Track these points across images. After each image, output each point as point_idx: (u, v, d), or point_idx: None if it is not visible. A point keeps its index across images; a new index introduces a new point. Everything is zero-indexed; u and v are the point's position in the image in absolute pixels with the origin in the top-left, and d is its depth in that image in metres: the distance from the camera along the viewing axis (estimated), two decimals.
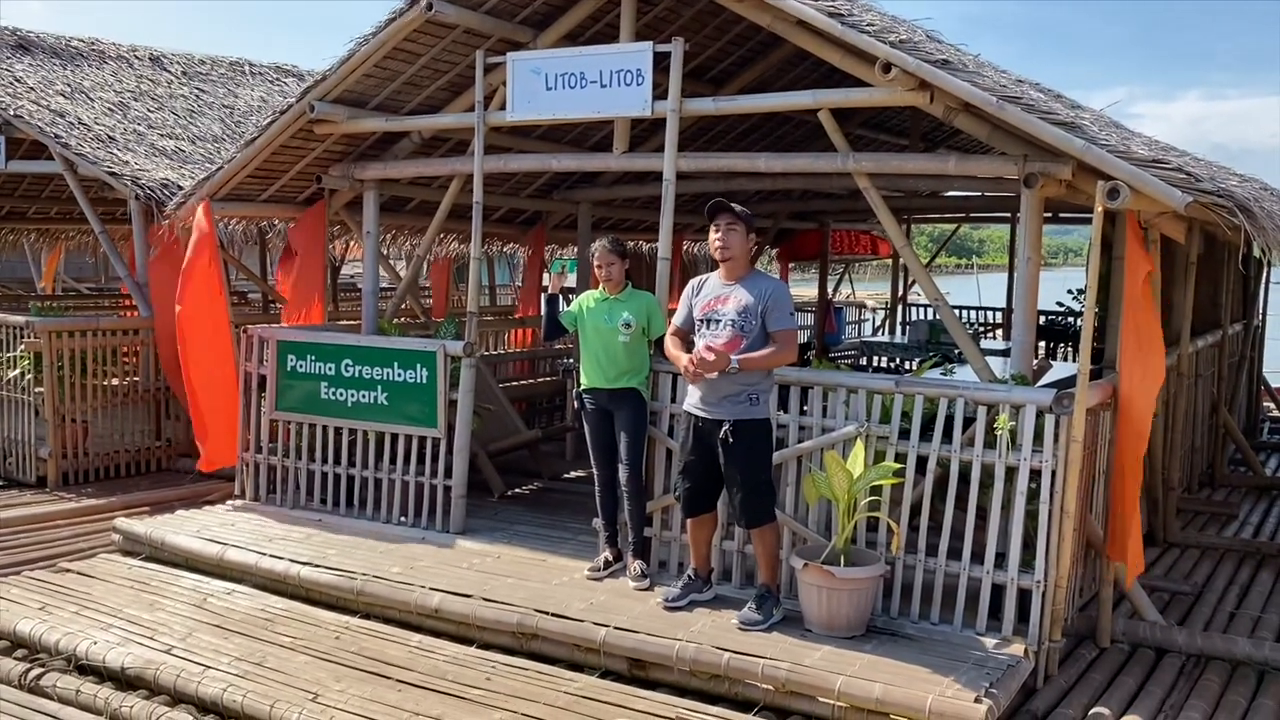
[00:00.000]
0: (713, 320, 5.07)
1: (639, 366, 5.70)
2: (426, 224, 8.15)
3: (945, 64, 5.10)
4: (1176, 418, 7.22)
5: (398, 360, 6.71)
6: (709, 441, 5.07)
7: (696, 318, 5.14)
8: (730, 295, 5.06)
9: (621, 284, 5.75)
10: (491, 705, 4.52)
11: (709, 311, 5.09)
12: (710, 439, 5.06)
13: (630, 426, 5.67)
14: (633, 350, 5.67)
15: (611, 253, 5.71)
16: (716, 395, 5.01)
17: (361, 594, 5.60)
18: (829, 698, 4.41)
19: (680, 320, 5.27)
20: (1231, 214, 4.59)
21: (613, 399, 5.72)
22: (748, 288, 5.05)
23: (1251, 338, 10.69)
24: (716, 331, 5.04)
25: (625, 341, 5.64)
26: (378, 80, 6.95)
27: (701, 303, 5.14)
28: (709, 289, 5.16)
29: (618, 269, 5.72)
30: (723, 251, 5.07)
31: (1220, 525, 7.82)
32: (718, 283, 5.14)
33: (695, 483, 5.22)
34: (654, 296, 5.81)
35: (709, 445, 5.08)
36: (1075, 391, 4.75)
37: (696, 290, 5.20)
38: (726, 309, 5.03)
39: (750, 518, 5.08)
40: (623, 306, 5.69)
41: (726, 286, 5.10)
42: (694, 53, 7.22)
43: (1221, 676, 5.10)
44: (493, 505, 7.42)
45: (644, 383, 5.72)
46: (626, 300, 5.72)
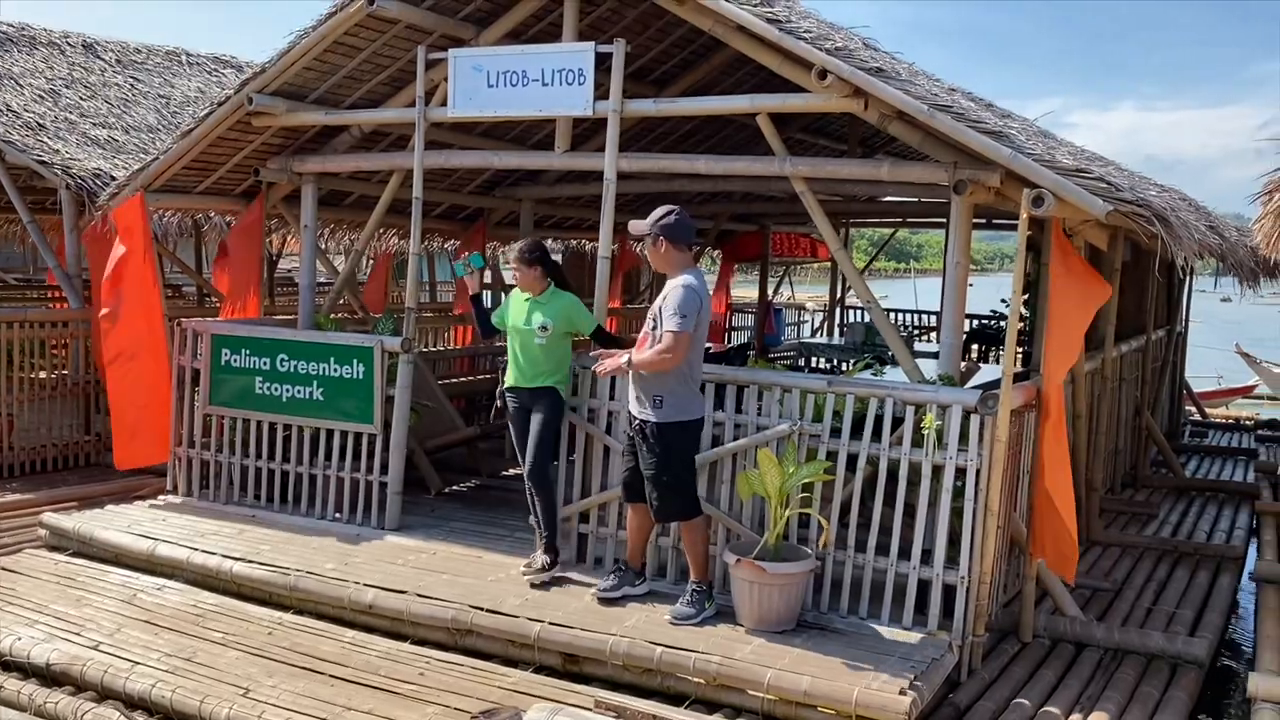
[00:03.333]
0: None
1: (555, 367, 5.76)
2: (366, 219, 8.09)
3: (879, 72, 5.22)
4: (1100, 420, 7.45)
5: (334, 355, 6.67)
6: (635, 438, 5.31)
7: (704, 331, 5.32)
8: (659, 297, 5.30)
9: (539, 288, 5.80)
10: (424, 700, 4.53)
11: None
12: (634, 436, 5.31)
13: (539, 424, 5.73)
14: (549, 351, 5.74)
15: (520, 261, 5.77)
16: (634, 396, 5.26)
17: (294, 590, 5.57)
18: (759, 691, 4.50)
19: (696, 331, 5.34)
20: (1150, 223, 4.76)
21: (532, 397, 5.78)
22: (664, 290, 5.24)
23: (1174, 343, 11.04)
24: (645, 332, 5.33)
25: (541, 343, 5.72)
26: (318, 73, 6.90)
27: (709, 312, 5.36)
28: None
29: (526, 276, 5.77)
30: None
31: (1141, 524, 8.07)
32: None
33: (630, 473, 5.42)
34: (574, 298, 5.83)
35: (634, 441, 5.32)
36: (999, 392, 4.89)
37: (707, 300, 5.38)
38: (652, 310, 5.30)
39: (658, 513, 5.30)
40: (541, 309, 5.76)
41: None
42: (637, 54, 7.28)
43: (1137, 670, 5.28)
44: (429, 502, 7.41)
45: (561, 382, 5.78)
46: (545, 303, 5.78)
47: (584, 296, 6.05)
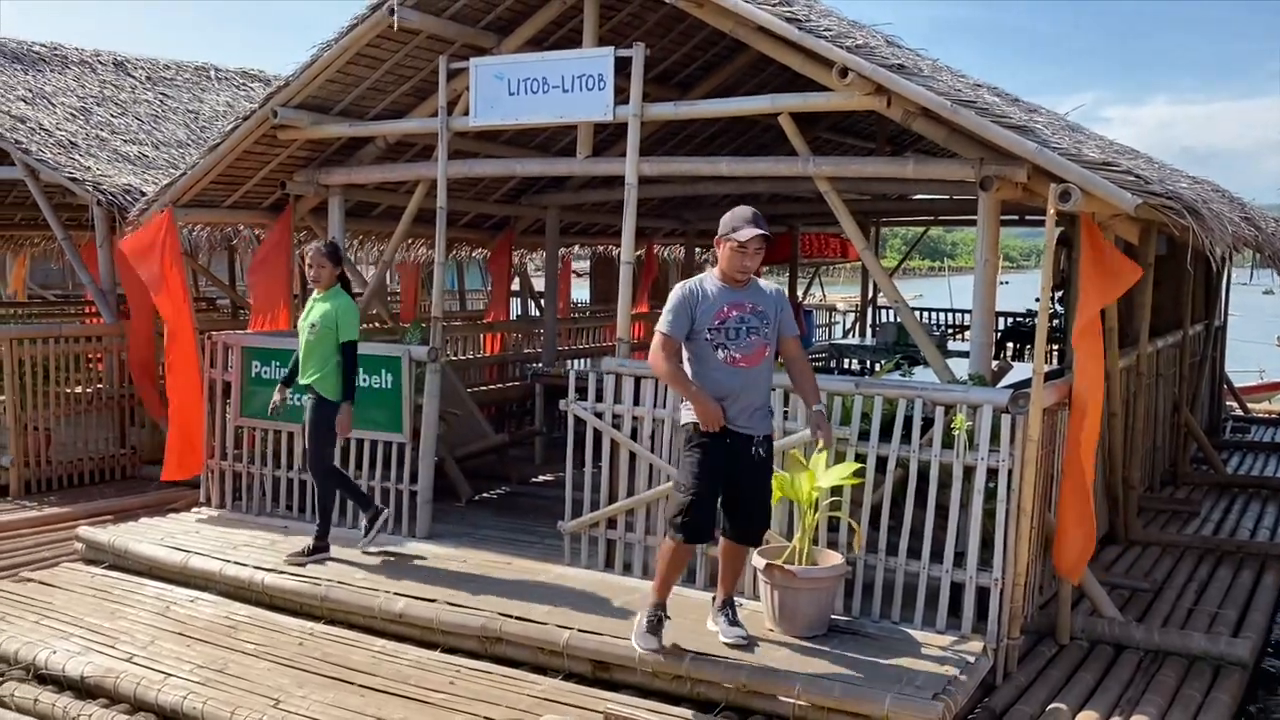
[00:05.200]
0: (731, 329, 4.64)
1: (319, 365, 5.95)
2: (392, 229, 8.14)
3: (901, 68, 5.16)
4: (1137, 417, 7.32)
5: (363, 366, 6.67)
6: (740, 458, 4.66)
7: (705, 327, 4.64)
8: (745, 301, 4.68)
9: (328, 285, 6.02)
10: (455, 709, 4.52)
11: (725, 320, 4.63)
12: (740, 455, 4.66)
13: (309, 420, 6.01)
14: (313, 349, 5.96)
15: (323, 255, 6.01)
16: (750, 409, 4.67)
17: (325, 600, 5.59)
18: (789, 697, 4.45)
19: (676, 330, 4.65)
20: (1180, 215, 4.67)
21: (308, 392, 6.04)
22: (758, 294, 4.75)
23: (1213, 337, 10.84)
24: (740, 341, 4.63)
25: (310, 340, 5.96)
26: (341, 86, 6.94)
27: (711, 311, 4.64)
28: (715, 296, 4.67)
29: (321, 272, 5.99)
30: (749, 270, 4.70)
31: (1181, 523, 7.91)
32: (722, 289, 4.69)
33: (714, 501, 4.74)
34: (349, 303, 6.01)
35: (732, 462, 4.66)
36: (1030, 391, 4.81)
37: (698, 298, 4.67)
38: (748, 316, 4.65)
39: (760, 534, 4.94)
40: (318, 307, 5.98)
41: (735, 292, 4.68)
42: (658, 58, 7.27)
43: (1178, 672, 5.17)
44: (459, 510, 7.42)
45: (322, 381, 5.96)
46: (323, 301, 5.99)
47: (612, 302, 6.05)
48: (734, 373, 4.64)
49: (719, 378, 4.64)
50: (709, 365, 4.65)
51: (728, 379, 4.64)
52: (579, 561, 5.99)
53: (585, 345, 12.39)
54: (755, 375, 4.69)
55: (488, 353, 10.80)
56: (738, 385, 4.64)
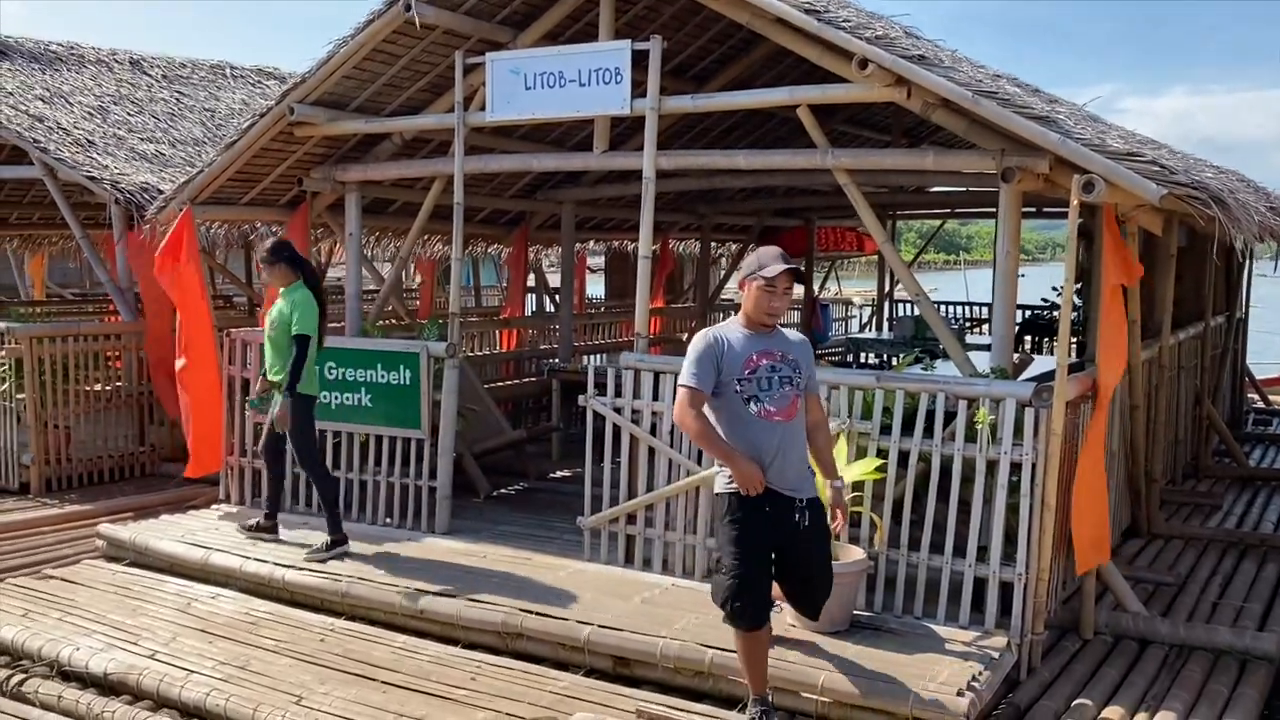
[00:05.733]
0: (763, 379, 4.21)
1: (274, 360, 6.13)
2: (409, 226, 8.13)
3: (921, 59, 5.11)
4: (1159, 410, 7.26)
5: (381, 362, 6.70)
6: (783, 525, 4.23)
7: (733, 378, 4.20)
8: (774, 349, 4.28)
9: (285, 282, 6.15)
10: (476, 705, 4.52)
11: (755, 369, 4.21)
12: (783, 522, 4.23)
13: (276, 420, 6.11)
14: (273, 345, 6.13)
15: (264, 255, 6.22)
16: (790, 469, 4.24)
17: (346, 596, 5.60)
18: (813, 693, 4.42)
19: (702, 381, 4.20)
20: (1206, 205, 4.61)
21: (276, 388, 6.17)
22: (786, 341, 4.36)
23: (1234, 329, 10.74)
24: (774, 392, 4.21)
25: (271, 336, 6.11)
26: (357, 82, 6.94)
27: (739, 360, 4.21)
28: (742, 344, 4.25)
29: (269, 272, 6.21)
30: (778, 313, 4.31)
31: (1204, 516, 7.85)
32: (747, 335, 4.28)
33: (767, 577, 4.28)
34: (305, 298, 6.06)
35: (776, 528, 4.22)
36: (1054, 385, 4.77)
37: (723, 346, 4.24)
38: (779, 365, 4.25)
39: (823, 603, 4.48)
40: (276, 304, 6.17)
41: (763, 339, 4.29)
42: (674, 51, 7.23)
43: (1204, 667, 5.12)
44: (478, 506, 7.43)
45: (279, 376, 6.07)
46: (282, 296, 6.13)
47: (629, 297, 6.03)
48: (769, 428, 4.19)
49: (753, 435, 4.17)
50: (741, 421, 4.20)
51: (764, 436, 4.18)
52: (599, 557, 5.97)
53: (601, 341, 12.37)
54: (793, 431, 4.26)
55: (504, 349, 10.79)
56: (774, 442, 4.19)
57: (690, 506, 5.70)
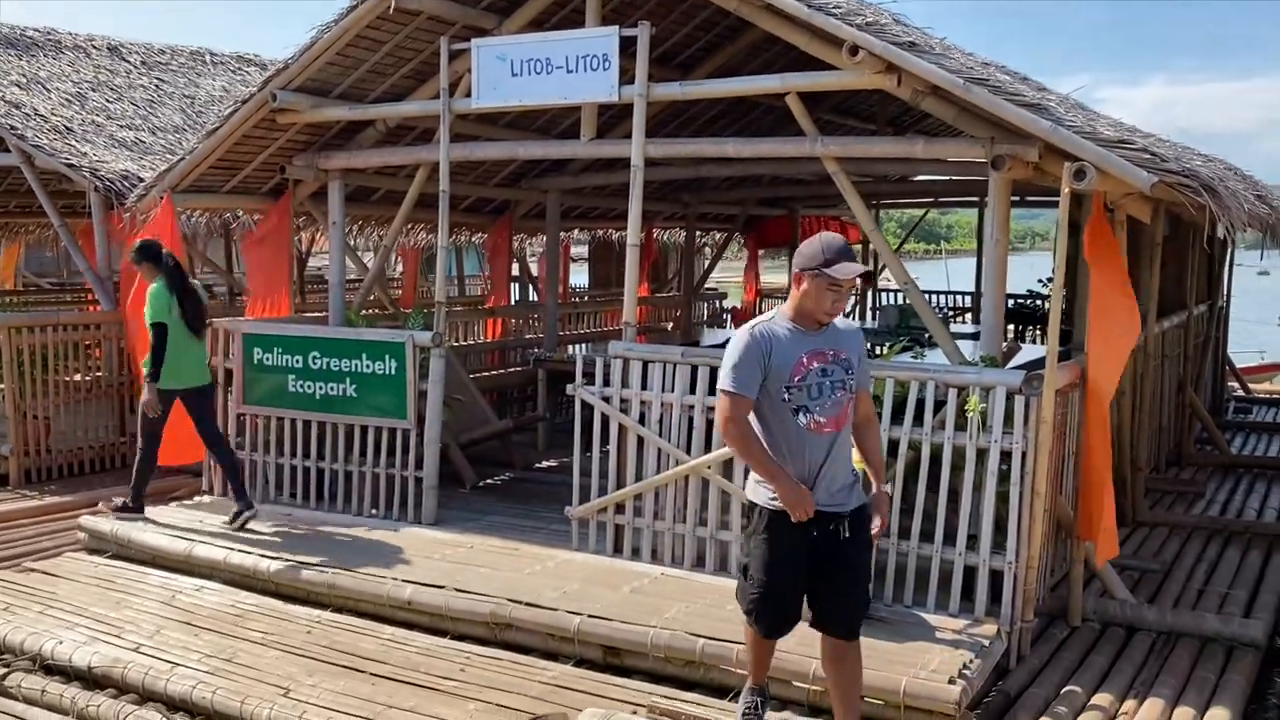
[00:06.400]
0: (813, 385, 3.76)
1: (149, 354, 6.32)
2: (393, 214, 8.06)
3: (912, 46, 5.10)
4: (1144, 398, 7.28)
5: (366, 352, 6.64)
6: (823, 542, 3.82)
7: (781, 385, 3.75)
8: (826, 349, 3.81)
9: (150, 279, 6.41)
10: (465, 696, 4.49)
11: (805, 374, 3.76)
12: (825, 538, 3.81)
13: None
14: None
15: (130, 259, 6.61)
16: (838, 483, 3.83)
17: (333, 587, 5.55)
18: (804, 681, 4.42)
19: (747, 385, 3.74)
20: (1196, 194, 4.62)
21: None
22: (839, 337, 3.88)
23: (1216, 318, 10.81)
24: (825, 400, 3.77)
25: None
26: (341, 68, 6.86)
27: (788, 363, 3.75)
28: (790, 343, 3.78)
29: (140, 272, 6.59)
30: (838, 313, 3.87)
31: (1188, 503, 7.89)
32: (796, 333, 3.80)
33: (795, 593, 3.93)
34: (153, 290, 6.31)
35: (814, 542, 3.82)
36: (1044, 373, 4.77)
37: (769, 345, 3.76)
38: (831, 367, 3.80)
39: (859, 621, 3.98)
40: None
41: (814, 337, 3.81)
42: (661, 38, 7.17)
43: (1191, 653, 5.15)
44: (464, 496, 7.38)
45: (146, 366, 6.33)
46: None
47: (613, 286, 6.01)
48: (819, 441, 3.76)
49: (804, 450, 3.76)
50: (788, 434, 3.76)
51: (814, 450, 3.76)
52: (587, 547, 5.95)
53: (586, 330, 12.33)
54: (843, 439, 3.86)
55: (488, 338, 10.74)
56: (823, 456, 3.78)
57: (680, 496, 5.69)
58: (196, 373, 6.47)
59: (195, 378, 6.45)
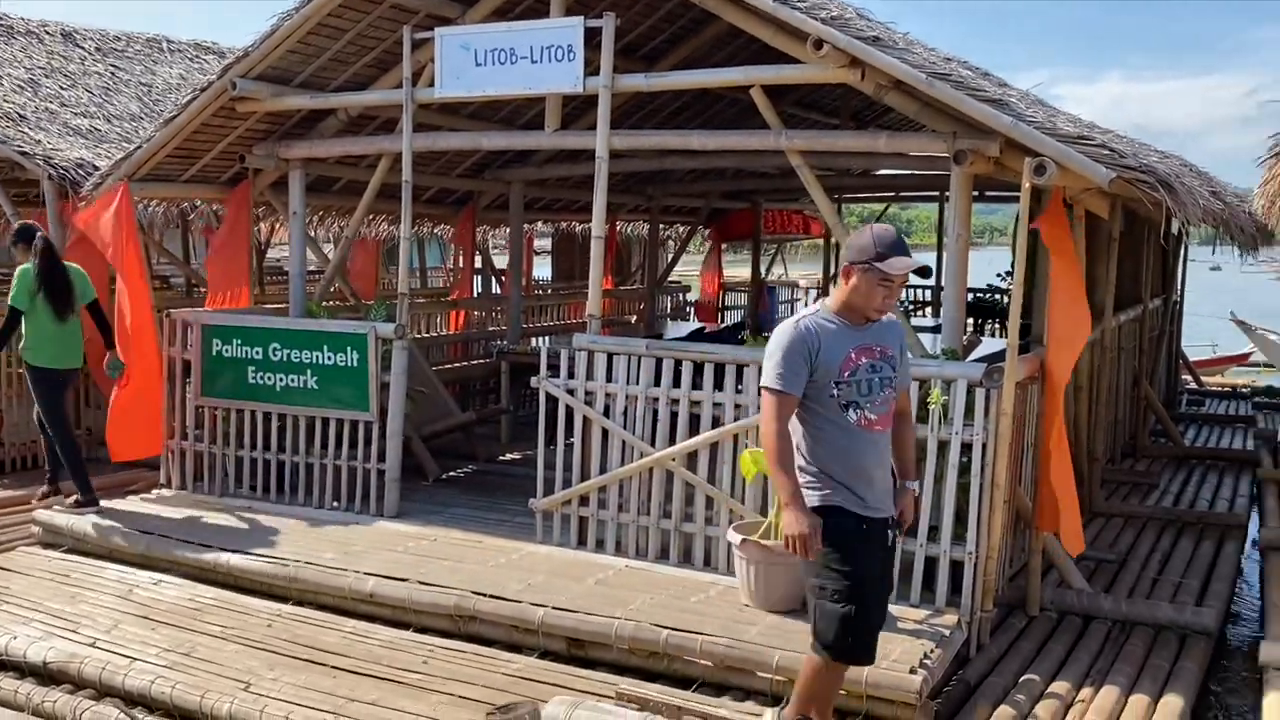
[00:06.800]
0: (863, 381, 3.61)
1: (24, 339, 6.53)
2: (355, 204, 7.98)
3: (876, 41, 5.13)
4: (1100, 391, 7.39)
5: (327, 343, 6.58)
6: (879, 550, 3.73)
7: (830, 380, 3.58)
8: (874, 345, 3.67)
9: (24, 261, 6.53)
10: (428, 689, 4.47)
11: (855, 369, 3.60)
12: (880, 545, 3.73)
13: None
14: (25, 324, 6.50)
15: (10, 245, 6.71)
16: (886, 485, 3.75)
17: (294, 580, 5.50)
18: (767, 672, 4.44)
19: (793, 384, 3.56)
20: (1154, 189, 4.69)
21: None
22: (884, 332, 3.73)
23: (1170, 312, 10.99)
24: (875, 397, 3.63)
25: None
26: (302, 56, 6.78)
27: (836, 358, 3.58)
28: (838, 338, 3.61)
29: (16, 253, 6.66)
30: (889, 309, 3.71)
31: (1143, 495, 8.04)
32: (844, 328, 3.63)
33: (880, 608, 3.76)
34: (21, 270, 6.47)
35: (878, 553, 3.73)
36: (1004, 365, 4.82)
37: (817, 341, 3.58)
38: (879, 364, 3.66)
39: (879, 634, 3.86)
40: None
41: (861, 332, 3.65)
42: (626, 29, 7.15)
43: (1146, 641, 5.24)
44: (427, 489, 7.35)
45: (26, 350, 6.57)
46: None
47: (576, 279, 6.01)
48: (871, 440, 3.63)
49: (855, 449, 3.61)
50: (841, 432, 3.60)
51: (867, 450, 3.62)
52: (550, 539, 5.94)
53: (549, 322, 12.30)
54: (889, 441, 3.74)
55: (451, 330, 10.67)
56: (875, 457, 3.65)
57: (644, 488, 5.69)
58: (60, 356, 6.60)
59: (58, 360, 6.59)
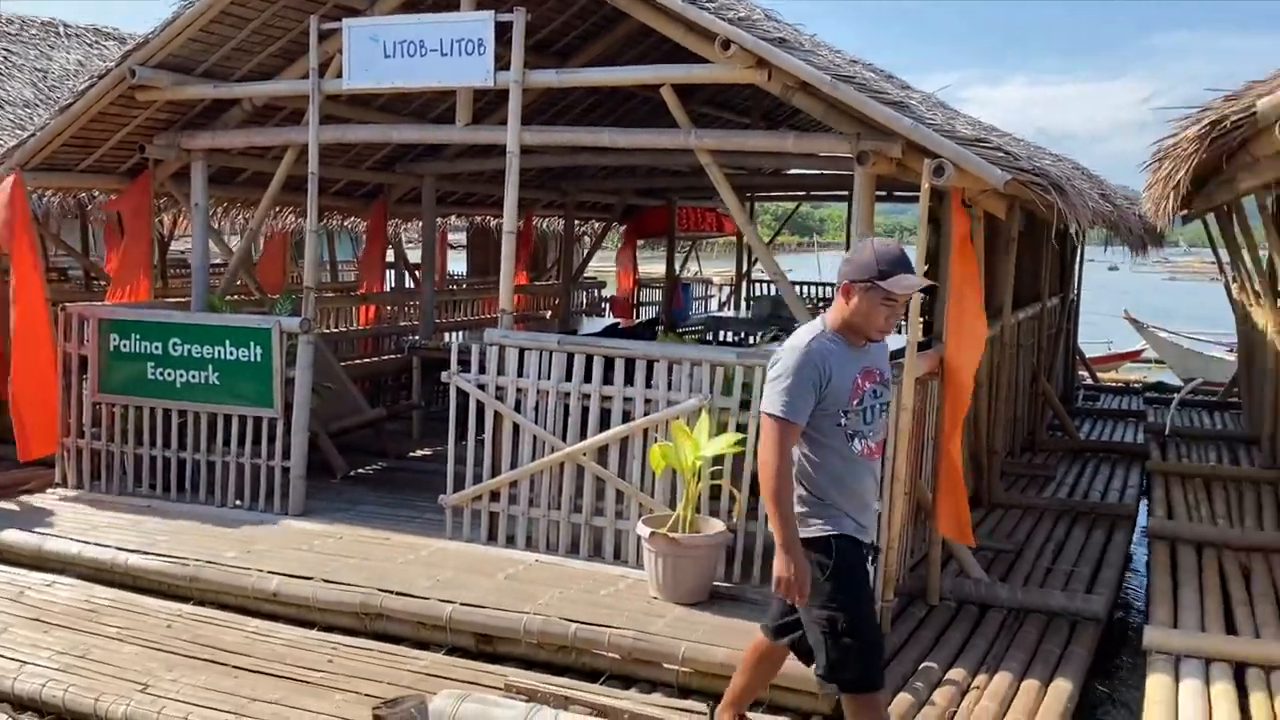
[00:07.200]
0: (867, 409, 3.49)
1: None
2: (261, 196, 7.83)
3: (782, 42, 5.21)
4: (999, 387, 7.63)
5: (230, 338, 6.45)
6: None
7: (839, 409, 3.42)
8: (874, 368, 3.54)
9: None
10: (332, 687, 4.42)
11: (861, 397, 3.46)
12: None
13: None
14: None
15: None
16: (872, 508, 3.65)
17: (195, 580, 5.39)
18: (674, 664, 4.50)
19: (800, 412, 3.37)
20: (1046, 191, 4.86)
21: None
22: (880, 353, 3.60)
23: (1068, 310, 11.38)
24: (875, 424, 3.54)
25: None
26: (205, 45, 6.62)
27: (846, 385, 3.42)
28: (845, 362, 3.43)
29: None
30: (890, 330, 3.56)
31: (1040, 486, 8.31)
32: (848, 350, 3.46)
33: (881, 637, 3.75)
34: None
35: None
36: (904, 361, 4.95)
37: (828, 366, 3.39)
38: (879, 389, 3.55)
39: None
40: None
41: (862, 354, 3.50)
42: (538, 25, 7.15)
43: (1039, 628, 5.42)
44: (335, 486, 7.25)
45: None
46: None
47: (491, 274, 5.99)
48: (871, 469, 3.54)
49: (857, 480, 3.48)
50: (842, 461, 3.43)
51: (868, 480, 3.52)
52: (460, 535, 5.92)
53: (463, 318, 12.20)
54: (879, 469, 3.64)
55: (362, 325, 10.53)
56: (873, 485, 3.57)
57: (555, 482, 5.71)
58: None
59: None
